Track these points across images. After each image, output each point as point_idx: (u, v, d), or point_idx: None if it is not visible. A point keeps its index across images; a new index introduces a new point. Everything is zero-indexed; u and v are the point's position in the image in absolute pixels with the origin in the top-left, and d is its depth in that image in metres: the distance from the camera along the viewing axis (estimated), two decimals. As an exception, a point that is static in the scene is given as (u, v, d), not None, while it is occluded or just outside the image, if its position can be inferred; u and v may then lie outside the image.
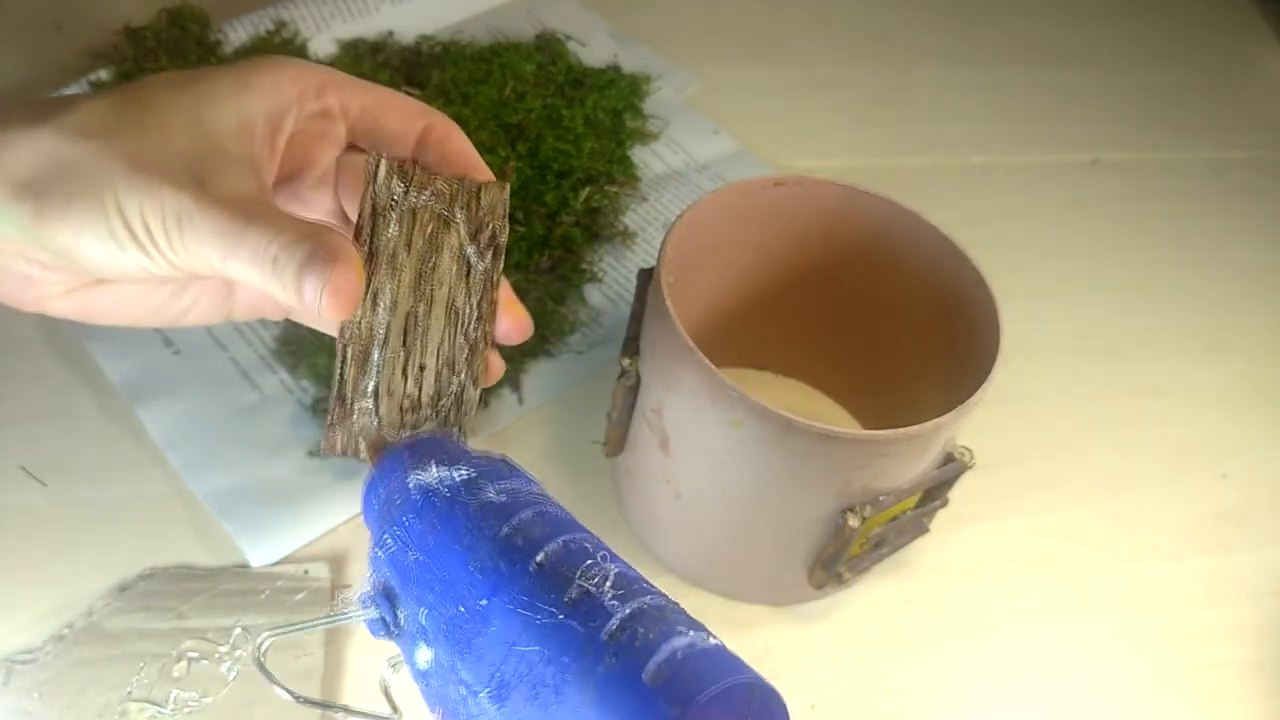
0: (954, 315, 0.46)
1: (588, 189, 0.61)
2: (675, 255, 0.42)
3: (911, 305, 0.48)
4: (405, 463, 0.30)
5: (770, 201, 0.47)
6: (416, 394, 0.33)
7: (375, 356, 0.33)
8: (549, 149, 0.62)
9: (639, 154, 0.67)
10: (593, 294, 0.59)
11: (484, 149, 0.48)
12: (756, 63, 0.77)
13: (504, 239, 0.34)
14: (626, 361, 0.43)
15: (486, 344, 0.34)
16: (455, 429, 0.34)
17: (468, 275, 0.34)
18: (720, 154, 0.69)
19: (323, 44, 0.68)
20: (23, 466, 0.47)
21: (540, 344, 0.55)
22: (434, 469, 0.29)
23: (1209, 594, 0.52)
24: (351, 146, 0.35)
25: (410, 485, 0.29)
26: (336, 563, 0.46)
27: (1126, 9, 0.91)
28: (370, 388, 0.33)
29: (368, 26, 0.70)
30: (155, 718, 0.40)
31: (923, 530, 0.47)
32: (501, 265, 0.34)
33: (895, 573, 0.50)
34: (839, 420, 0.55)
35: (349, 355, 0.32)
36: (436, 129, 0.35)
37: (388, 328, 0.33)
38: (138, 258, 0.30)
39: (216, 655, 0.42)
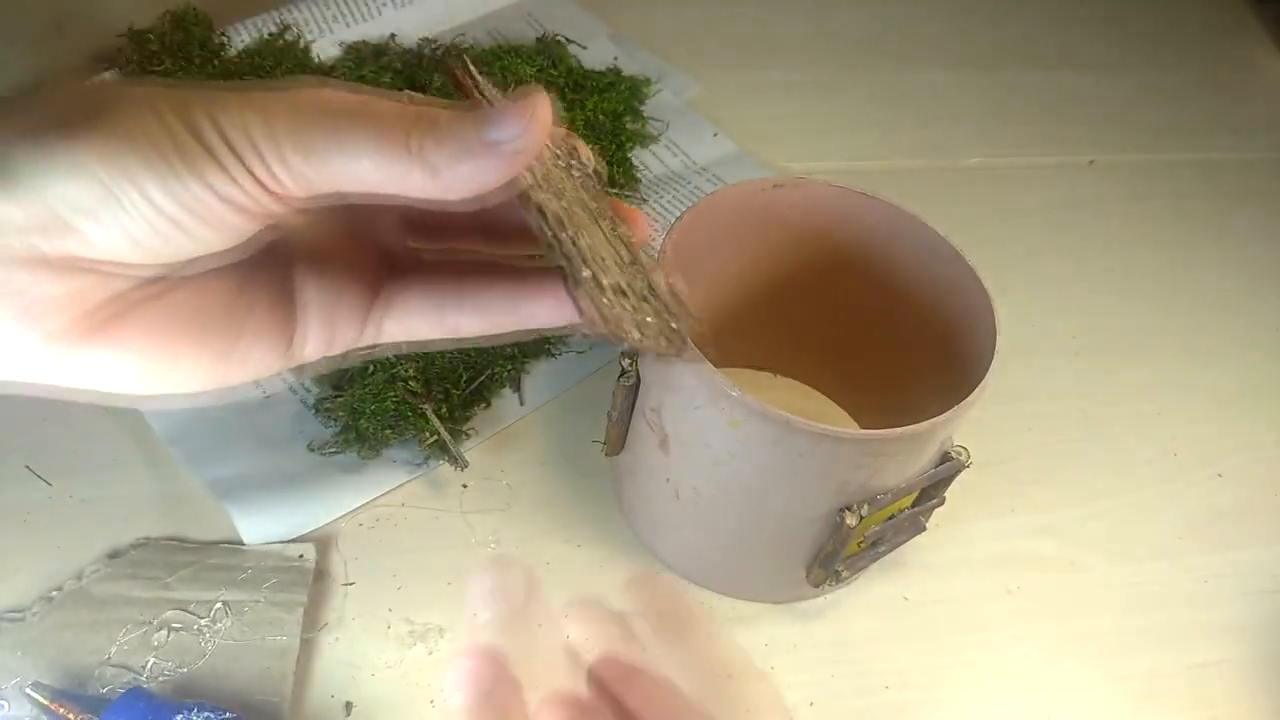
0: (951, 316, 0.46)
1: (588, 191, 0.62)
2: (675, 256, 0.43)
3: (909, 306, 0.48)
4: None
5: (769, 203, 0.47)
6: (615, 280, 0.29)
7: (564, 234, 0.28)
8: (550, 151, 0.63)
9: (639, 156, 0.67)
10: (593, 295, 0.59)
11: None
12: (755, 66, 0.78)
13: (584, 156, 0.32)
14: (626, 361, 0.44)
15: (631, 242, 0.31)
16: (675, 319, 0.30)
17: (577, 180, 0.31)
18: (719, 156, 0.69)
19: (326, 47, 0.69)
20: (27, 466, 0.47)
21: (541, 344, 0.56)
22: None
23: (1204, 592, 0.53)
24: None
25: None
26: (323, 547, 0.46)
27: (1123, 12, 0.91)
28: (579, 260, 0.28)
29: (370, 29, 0.70)
30: (131, 683, 0.40)
31: (920, 529, 0.47)
32: (594, 179, 0.32)
33: (892, 571, 0.50)
34: (837, 420, 0.55)
35: (548, 219, 0.27)
36: None
37: (558, 210, 0.28)
38: (201, 186, 0.23)
39: (197, 628, 0.42)
